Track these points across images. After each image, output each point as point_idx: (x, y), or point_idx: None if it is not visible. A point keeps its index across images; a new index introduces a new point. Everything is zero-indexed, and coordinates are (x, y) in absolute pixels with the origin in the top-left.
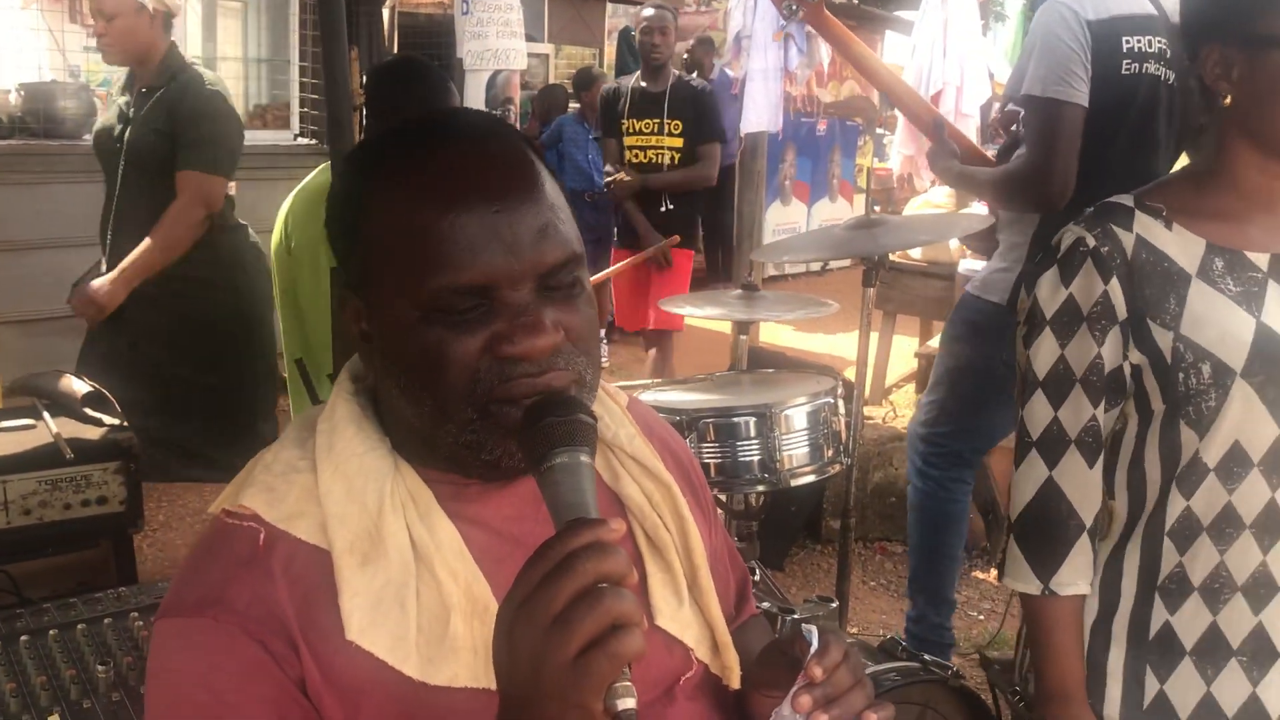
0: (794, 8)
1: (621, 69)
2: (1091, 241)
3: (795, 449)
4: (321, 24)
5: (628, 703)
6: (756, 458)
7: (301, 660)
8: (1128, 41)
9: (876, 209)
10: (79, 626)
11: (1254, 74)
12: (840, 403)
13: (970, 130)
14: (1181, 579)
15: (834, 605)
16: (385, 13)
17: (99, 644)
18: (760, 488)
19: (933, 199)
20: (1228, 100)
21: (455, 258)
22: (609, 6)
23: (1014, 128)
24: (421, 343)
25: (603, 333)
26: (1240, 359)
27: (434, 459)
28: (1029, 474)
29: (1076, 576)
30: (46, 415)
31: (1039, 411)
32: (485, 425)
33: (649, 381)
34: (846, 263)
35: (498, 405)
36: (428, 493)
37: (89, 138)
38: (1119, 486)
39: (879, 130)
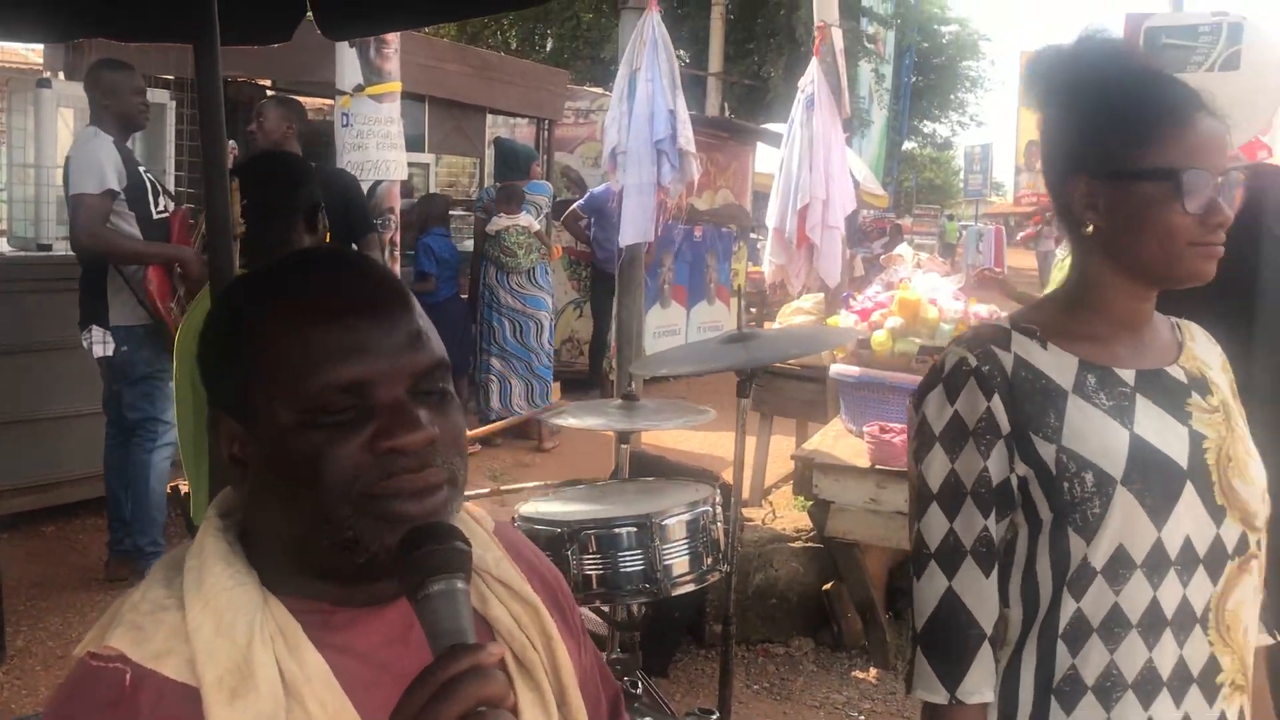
0: None
1: (497, 175)
2: (974, 361)
3: (675, 558)
4: (205, 155)
5: None
6: (638, 568)
7: None
8: None
9: (752, 310)
10: None
11: (1119, 204)
12: (719, 510)
13: (836, 241)
14: (1075, 680)
15: (714, 717)
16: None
17: None
18: (642, 599)
19: (803, 305)
20: (1090, 229)
21: (334, 360)
22: (489, 117)
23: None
24: (301, 447)
25: (478, 445)
26: (1119, 468)
27: (304, 585)
28: (930, 585)
29: (982, 684)
30: None
31: (935, 524)
32: (364, 522)
33: (533, 485)
34: None
35: (376, 502)
36: (296, 625)
37: None
38: (1013, 594)
39: (753, 235)
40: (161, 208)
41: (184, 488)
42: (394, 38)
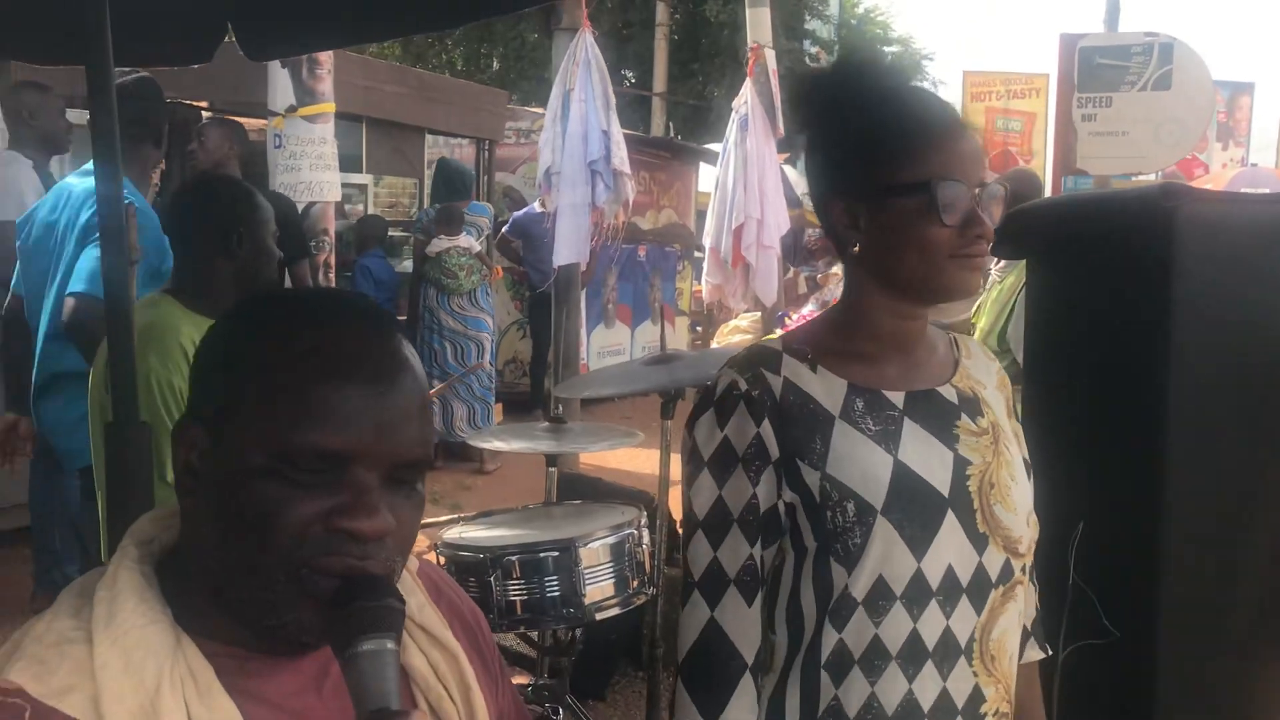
0: None
1: (435, 197)
2: (744, 385)
3: (599, 582)
4: (98, 180)
5: None
6: (560, 593)
7: None
8: None
9: (698, 329)
10: None
11: (879, 222)
12: (644, 532)
13: (772, 260)
14: (838, 711)
15: None
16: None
17: None
18: (566, 624)
19: (740, 324)
20: (855, 248)
21: (326, 421)
22: (428, 138)
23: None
24: (257, 492)
25: None
26: (880, 497)
27: (220, 627)
28: (692, 615)
29: (743, 715)
30: None
31: (700, 551)
32: (288, 589)
33: (458, 516)
34: None
35: (309, 574)
36: (209, 669)
37: None
38: (779, 620)
39: (697, 254)
40: None
41: None
42: (327, 59)
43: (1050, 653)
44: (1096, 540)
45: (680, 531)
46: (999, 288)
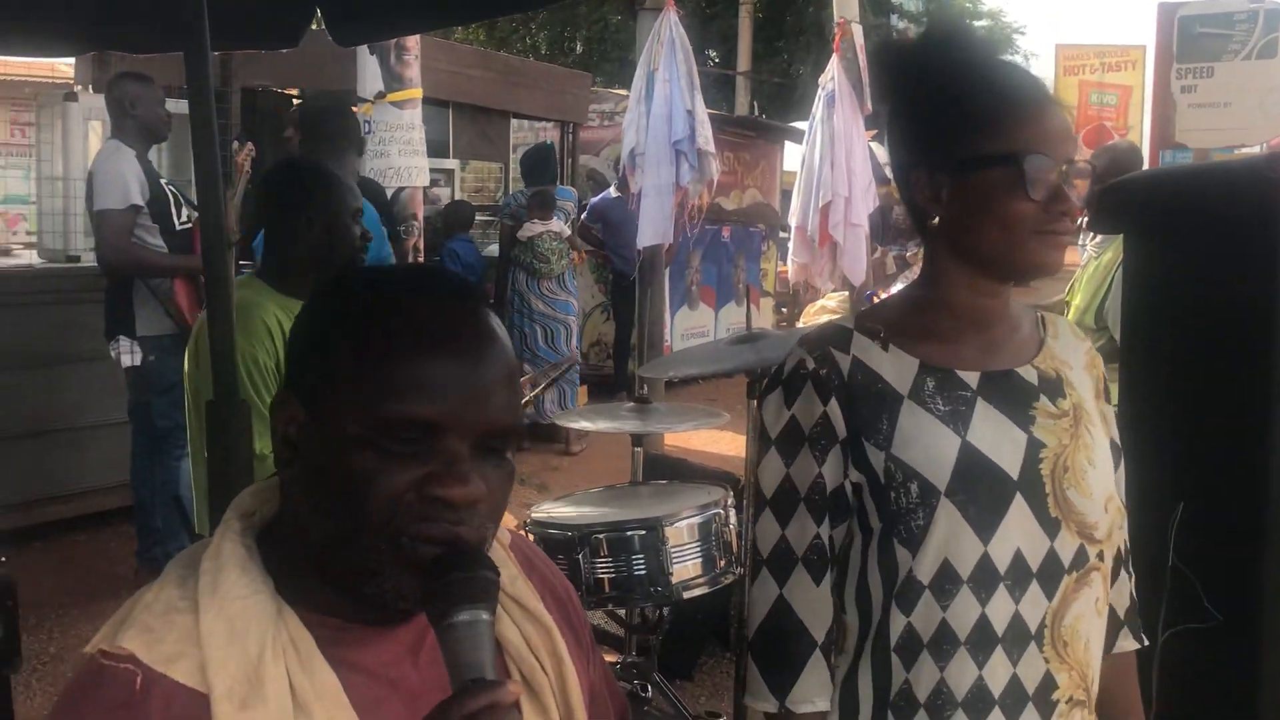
0: None
1: (527, 180)
2: (811, 364)
3: (686, 561)
4: (196, 163)
5: None
6: (647, 571)
7: None
8: None
9: (783, 310)
10: None
11: (961, 194)
12: (731, 513)
13: (860, 239)
14: (909, 695)
15: None
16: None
17: None
18: (653, 602)
19: (828, 304)
20: (935, 221)
21: (418, 392)
22: (513, 122)
23: None
24: (355, 462)
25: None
26: (944, 478)
27: (318, 598)
28: (761, 592)
29: (812, 694)
30: None
31: (768, 529)
32: (389, 557)
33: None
34: None
35: (408, 541)
36: (309, 639)
37: None
38: (849, 602)
39: (782, 235)
40: (184, 219)
41: None
42: (414, 44)
43: (1146, 643)
44: (1197, 522)
45: None
46: (1095, 264)
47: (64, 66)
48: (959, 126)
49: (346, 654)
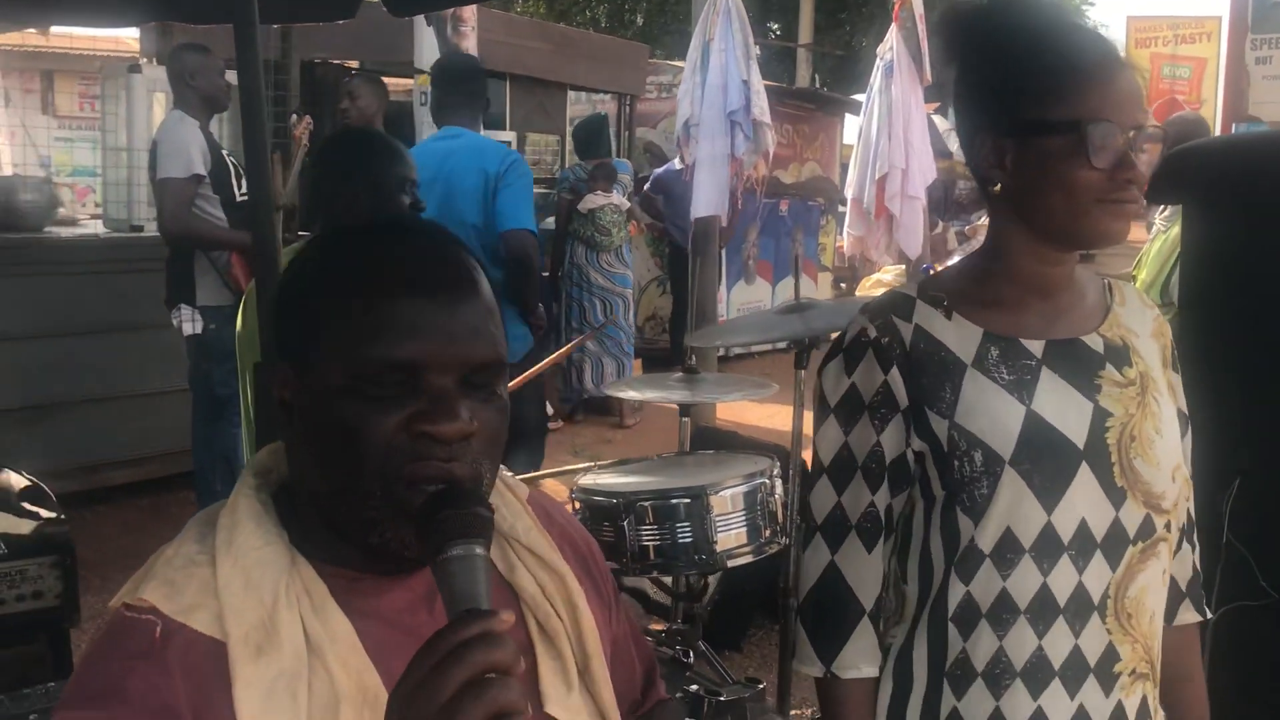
0: None
1: (582, 153)
2: (873, 332)
3: (731, 529)
4: (245, 133)
5: None
6: (692, 539)
7: None
8: None
9: (842, 285)
10: None
11: (1024, 159)
12: (777, 483)
13: (917, 211)
14: (966, 665)
15: (760, 687)
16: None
17: None
18: (697, 570)
19: (884, 278)
20: (998, 188)
21: (394, 333)
22: (570, 94)
23: None
24: (342, 412)
25: (556, 422)
26: (1009, 447)
27: (332, 549)
28: (813, 557)
29: (859, 660)
30: None
31: (823, 496)
32: (385, 506)
33: (593, 465)
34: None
35: (402, 486)
36: (323, 587)
37: (52, 230)
38: (910, 570)
39: (841, 209)
40: (244, 190)
41: None
42: (470, 15)
43: (1209, 616)
44: (1252, 498)
45: None
46: (1163, 238)
47: (129, 40)
48: (1021, 90)
49: (361, 602)
